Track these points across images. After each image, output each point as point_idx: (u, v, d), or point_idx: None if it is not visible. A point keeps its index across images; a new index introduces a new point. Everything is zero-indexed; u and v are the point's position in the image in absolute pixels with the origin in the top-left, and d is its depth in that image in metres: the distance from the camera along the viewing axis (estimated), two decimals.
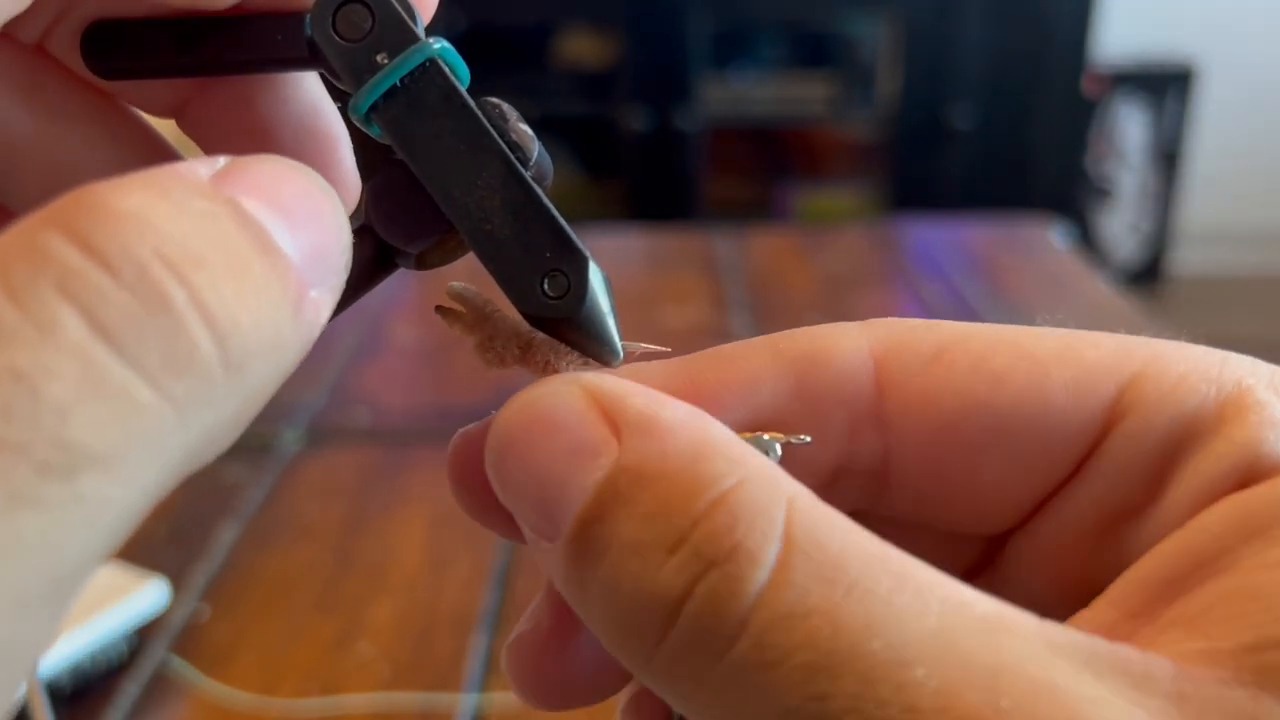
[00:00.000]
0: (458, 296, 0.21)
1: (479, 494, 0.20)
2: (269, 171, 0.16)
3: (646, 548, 0.16)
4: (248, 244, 0.15)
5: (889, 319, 0.21)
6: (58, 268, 0.13)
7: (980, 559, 0.22)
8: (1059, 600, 0.20)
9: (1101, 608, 0.18)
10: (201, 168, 0.16)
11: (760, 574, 0.16)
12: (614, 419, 0.18)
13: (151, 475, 0.14)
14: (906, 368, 0.20)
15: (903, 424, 0.20)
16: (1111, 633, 0.16)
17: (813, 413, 0.20)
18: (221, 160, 0.16)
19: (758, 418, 0.20)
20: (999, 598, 0.19)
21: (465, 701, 0.52)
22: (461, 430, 0.21)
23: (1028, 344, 0.20)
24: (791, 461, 0.20)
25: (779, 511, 0.16)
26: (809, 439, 0.20)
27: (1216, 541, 0.17)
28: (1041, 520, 0.20)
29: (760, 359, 0.21)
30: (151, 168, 0.15)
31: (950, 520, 0.21)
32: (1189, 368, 0.19)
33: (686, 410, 0.18)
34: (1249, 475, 0.17)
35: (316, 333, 0.16)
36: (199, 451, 0.15)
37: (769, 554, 0.16)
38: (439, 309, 0.21)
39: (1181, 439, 0.18)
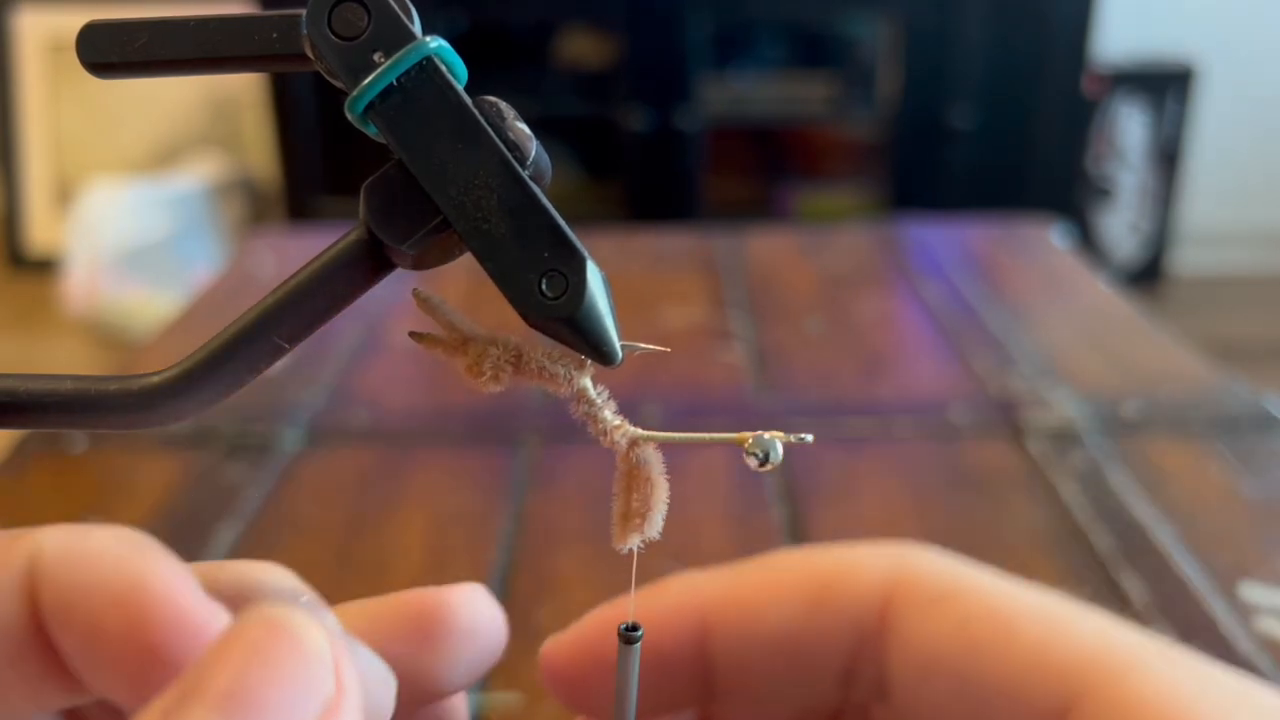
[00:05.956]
0: (432, 310, 0.21)
1: (577, 693, 0.21)
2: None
3: None
4: None
5: (918, 549, 0.20)
6: None
7: None
8: None
9: None
10: None
11: None
12: None
13: None
14: (908, 608, 0.20)
15: (894, 662, 0.20)
16: None
17: (824, 633, 0.20)
18: None
19: (781, 630, 0.20)
20: None
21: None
22: (551, 639, 0.22)
23: (1022, 619, 0.19)
24: (798, 684, 0.21)
25: None
26: (810, 438, 0.20)
27: None
28: None
29: (795, 573, 0.21)
30: None
31: None
32: (1166, 706, 0.17)
33: None
34: None
35: None
36: None
37: None
38: (414, 335, 0.21)
39: None
